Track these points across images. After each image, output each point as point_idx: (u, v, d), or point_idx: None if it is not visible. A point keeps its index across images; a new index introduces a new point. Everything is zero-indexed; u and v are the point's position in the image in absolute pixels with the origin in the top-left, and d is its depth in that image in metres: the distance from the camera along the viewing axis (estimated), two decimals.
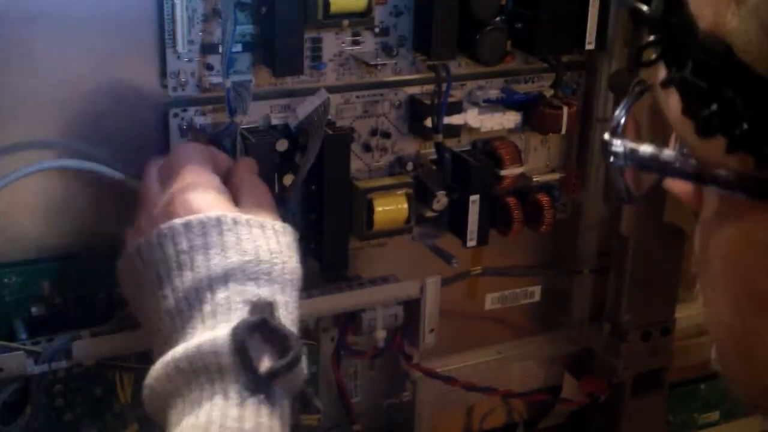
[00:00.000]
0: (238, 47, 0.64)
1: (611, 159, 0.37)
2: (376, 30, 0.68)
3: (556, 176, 0.79)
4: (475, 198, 0.72)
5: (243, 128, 0.65)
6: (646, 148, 0.35)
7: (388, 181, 0.72)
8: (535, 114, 0.75)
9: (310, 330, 0.74)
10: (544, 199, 0.76)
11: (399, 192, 0.71)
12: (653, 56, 0.35)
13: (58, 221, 0.64)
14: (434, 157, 0.72)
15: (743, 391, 0.40)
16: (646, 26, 0.36)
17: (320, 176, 0.67)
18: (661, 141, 0.36)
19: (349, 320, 0.74)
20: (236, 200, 0.57)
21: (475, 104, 0.73)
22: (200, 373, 0.49)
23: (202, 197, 0.55)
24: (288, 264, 0.54)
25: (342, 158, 0.68)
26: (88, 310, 0.65)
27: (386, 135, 0.72)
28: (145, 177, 0.59)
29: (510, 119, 0.74)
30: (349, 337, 0.76)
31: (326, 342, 0.76)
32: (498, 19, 0.70)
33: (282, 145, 0.66)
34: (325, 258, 0.70)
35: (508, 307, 0.84)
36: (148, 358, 0.68)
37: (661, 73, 0.35)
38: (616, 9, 0.72)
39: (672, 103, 0.34)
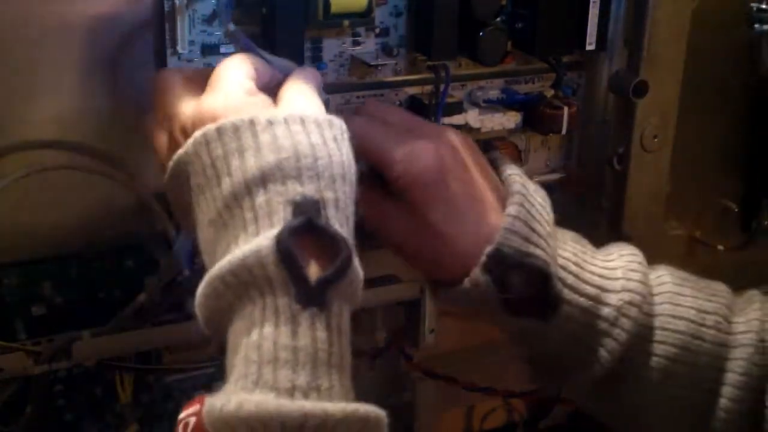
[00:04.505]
0: (239, 47, 0.64)
1: None
2: (377, 30, 0.68)
3: (556, 176, 0.79)
4: None
5: None
6: None
7: None
8: (535, 114, 0.75)
9: None
10: None
11: None
12: None
13: (59, 221, 0.64)
14: None
15: None
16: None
17: None
18: None
19: (350, 320, 0.74)
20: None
21: (476, 105, 0.73)
22: (249, 286, 0.47)
23: (234, 99, 0.52)
24: (336, 157, 0.50)
25: None
26: (88, 310, 0.65)
27: None
28: (169, 85, 0.56)
29: (510, 119, 0.74)
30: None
31: None
32: (498, 19, 0.70)
33: None
34: None
35: None
36: (148, 358, 0.68)
37: None
38: None
39: None
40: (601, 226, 0.82)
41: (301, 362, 0.45)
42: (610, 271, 0.63)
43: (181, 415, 0.46)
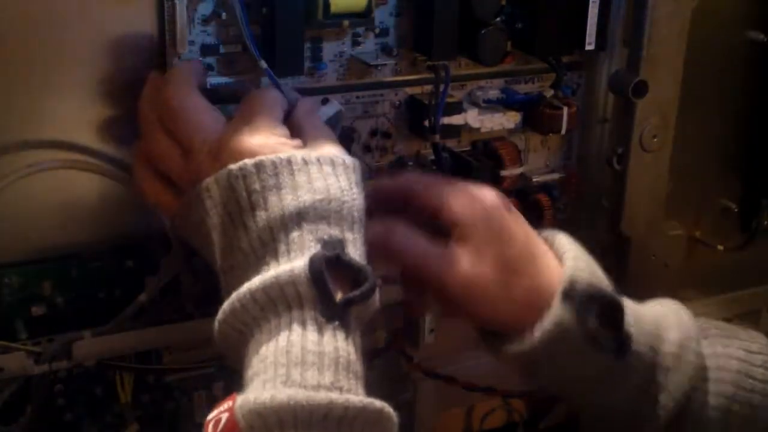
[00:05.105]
0: (239, 47, 0.64)
1: None
2: (376, 30, 0.68)
3: (556, 176, 0.79)
4: None
5: None
6: None
7: None
8: (535, 114, 0.75)
9: None
10: (544, 199, 0.77)
11: None
12: None
13: (59, 221, 0.64)
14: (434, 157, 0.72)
15: None
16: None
17: None
18: None
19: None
20: (301, 140, 0.58)
21: (476, 104, 0.73)
22: (277, 302, 0.51)
23: (267, 138, 0.55)
24: (357, 201, 0.55)
25: None
26: (88, 310, 0.65)
27: (386, 135, 0.72)
28: (186, 101, 0.58)
29: (510, 119, 0.74)
30: None
31: None
32: (498, 19, 0.70)
33: None
34: None
35: None
36: (148, 358, 0.68)
37: None
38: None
39: None
40: (601, 226, 0.82)
41: (326, 365, 0.49)
42: (660, 315, 0.66)
43: (210, 415, 0.48)
